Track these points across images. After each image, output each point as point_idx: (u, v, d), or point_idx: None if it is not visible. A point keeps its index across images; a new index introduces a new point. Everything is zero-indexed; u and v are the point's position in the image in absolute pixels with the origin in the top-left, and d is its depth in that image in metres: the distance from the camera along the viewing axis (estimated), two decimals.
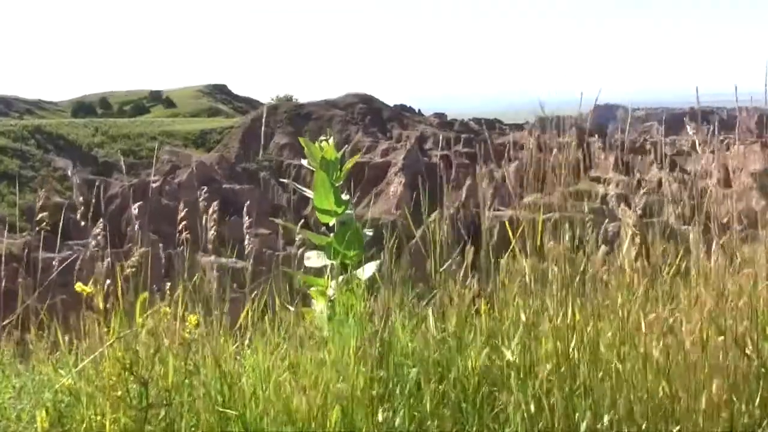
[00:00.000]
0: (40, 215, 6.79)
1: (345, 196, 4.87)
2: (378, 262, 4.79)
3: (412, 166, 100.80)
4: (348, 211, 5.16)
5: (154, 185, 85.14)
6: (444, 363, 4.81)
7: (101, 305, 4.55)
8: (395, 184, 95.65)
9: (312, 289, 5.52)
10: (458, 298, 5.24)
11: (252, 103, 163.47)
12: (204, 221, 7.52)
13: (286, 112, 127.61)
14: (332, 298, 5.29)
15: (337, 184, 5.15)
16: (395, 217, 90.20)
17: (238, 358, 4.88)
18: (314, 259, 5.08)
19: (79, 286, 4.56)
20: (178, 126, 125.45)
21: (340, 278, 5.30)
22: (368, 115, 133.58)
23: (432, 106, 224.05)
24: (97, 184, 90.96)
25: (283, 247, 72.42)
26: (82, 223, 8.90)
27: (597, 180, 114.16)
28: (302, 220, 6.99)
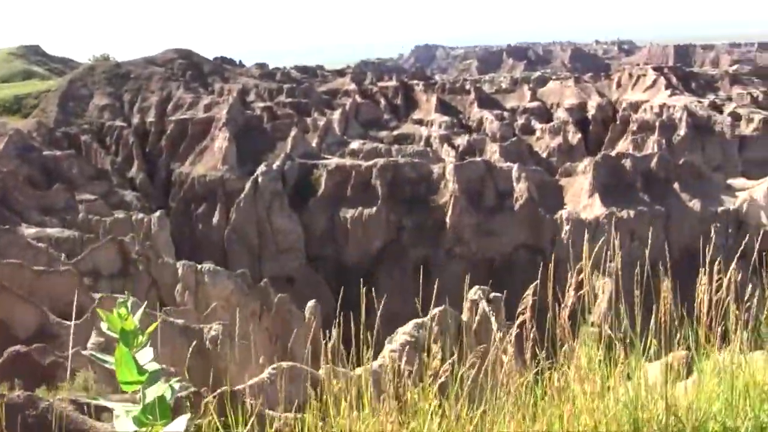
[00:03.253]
0: None
1: (149, 352, 4.78)
2: (187, 416, 4.66)
3: (235, 120, 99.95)
4: (154, 366, 5.04)
5: None
6: None
7: None
8: (220, 140, 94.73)
9: None
10: None
11: (68, 64, 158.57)
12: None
13: (104, 72, 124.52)
14: None
15: (139, 351, 5.01)
16: (222, 173, 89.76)
17: None
18: (123, 420, 4.94)
19: None
20: None
21: None
22: (188, 70, 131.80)
23: (254, 57, 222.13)
24: None
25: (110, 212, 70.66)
26: None
27: (420, 122, 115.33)
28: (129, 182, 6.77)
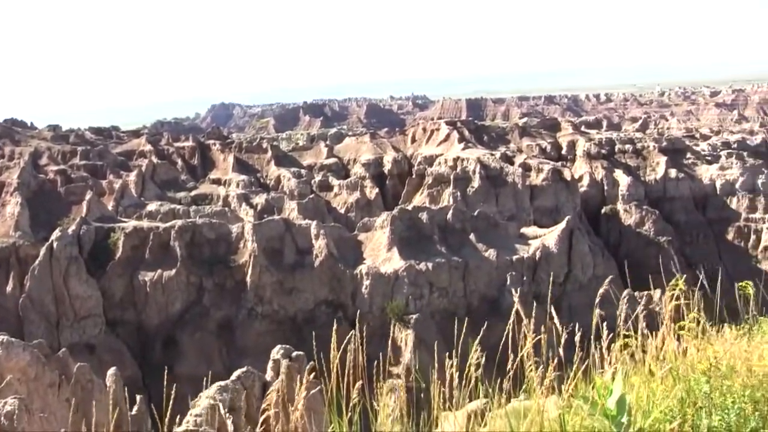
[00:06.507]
0: None
1: None
2: None
3: (27, 185, 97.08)
4: None
5: None
6: None
7: None
8: (12, 205, 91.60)
9: None
10: None
11: None
12: None
13: None
14: None
15: None
16: (15, 239, 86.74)
17: None
18: None
19: None
20: None
21: None
22: None
23: (46, 119, 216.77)
24: None
25: None
26: None
27: (218, 182, 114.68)
28: None
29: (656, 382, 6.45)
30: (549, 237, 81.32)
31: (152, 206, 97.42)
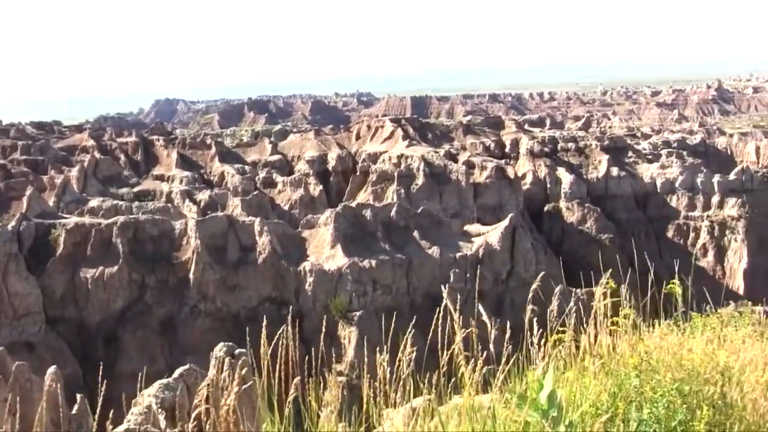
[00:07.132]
0: None
1: None
2: None
3: None
4: None
5: None
6: None
7: None
8: None
9: None
10: None
11: None
12: None
13: None
14: None
15: None
16: None
17: None
18: None
19: None
20: None
21: None
22: None
23: None
24: None
25: None
26: None
27: (161, 178, 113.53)
28: None
29: (589, 377, 6.60)
30: (492, 234, 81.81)
31: (94, 202, 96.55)
